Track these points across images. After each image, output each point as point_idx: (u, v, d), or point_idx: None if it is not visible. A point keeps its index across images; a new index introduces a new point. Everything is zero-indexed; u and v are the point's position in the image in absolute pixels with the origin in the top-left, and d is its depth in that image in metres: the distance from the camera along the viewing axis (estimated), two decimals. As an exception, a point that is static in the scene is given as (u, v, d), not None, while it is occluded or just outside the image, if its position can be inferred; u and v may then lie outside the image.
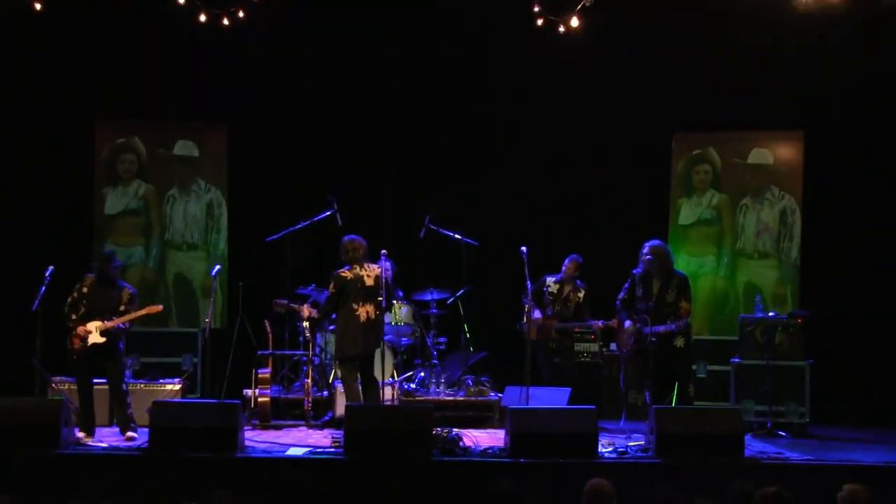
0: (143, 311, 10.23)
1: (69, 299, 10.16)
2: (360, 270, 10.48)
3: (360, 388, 10.52)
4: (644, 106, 12.93)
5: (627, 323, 10.84)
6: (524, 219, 13.00)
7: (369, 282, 10.48)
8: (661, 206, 13.06)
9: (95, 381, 10.31)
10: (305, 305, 11.10)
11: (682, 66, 12.78)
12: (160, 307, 10.48)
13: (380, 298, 10.34)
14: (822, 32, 12.05)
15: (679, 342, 10.55)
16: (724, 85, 12.82)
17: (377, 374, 10.64)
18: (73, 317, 10.07)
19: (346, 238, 10.66)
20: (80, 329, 10.00)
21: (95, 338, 10.00)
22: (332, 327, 10.99)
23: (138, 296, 10.44)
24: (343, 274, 10.47)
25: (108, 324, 10.01)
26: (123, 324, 10.11)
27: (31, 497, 6.52)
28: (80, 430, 10.00)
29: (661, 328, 10.44)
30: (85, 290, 10.16)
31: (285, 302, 11.23)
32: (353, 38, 12.91)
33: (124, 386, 10.29)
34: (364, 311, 10.43)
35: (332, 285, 10.48)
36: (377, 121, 13.29)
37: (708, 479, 8.42)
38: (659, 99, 12.90)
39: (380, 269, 10.46)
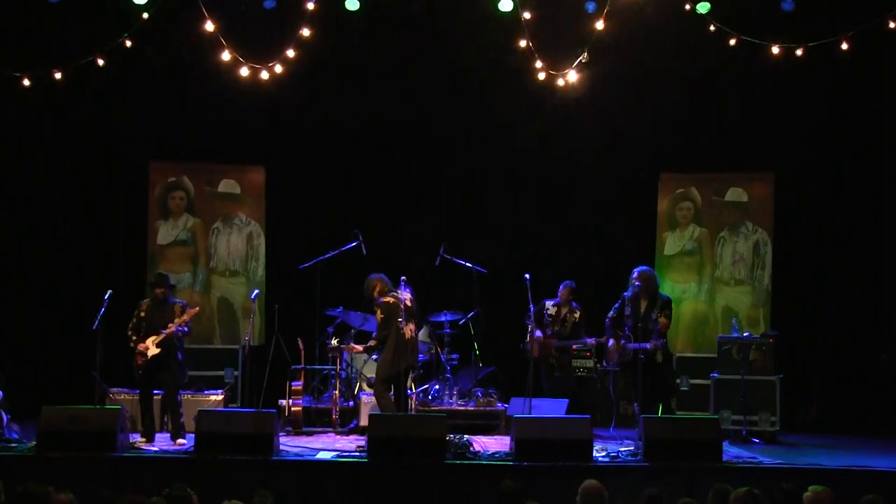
0: (186, 316, 10.21)
1: (130, 324, 10.20)
2: (398, 295, 10.50)
3: (394, 398, 10.47)
4: (634, 150, 12.96)
5: (611, 342, 10.90)
6: (528, 249, 13.03)
7: (409, 303, 10.51)
8: (649, 239, 13.06)
9: (154, 391, 10.35)
10: (351, 344, 11.22)
11: (667, 114, 12.82)
12: (197, 308, 10.55)
13: (410, 324, 10.45)
14: (789, 83, 12.11)
15: (658, 357, 10.66)
16: (703, 132, 12.89)
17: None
18: (135, 338, 10.11)
19: (372, 276, 10.69)
20: (141, 346, 10.04)
21: (153, 350, 10.03)
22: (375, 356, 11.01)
23: (189, 305, 10.50)
24: (387, 300, 10.48)
25: (160, 336, 10.03)
26: (179, 327, 10.13)
27: (91, 495, 6.54)
28: (141, 436, 10.09)
29: (638, 346, 10.52)
30: (143, 314, 10.21)
31: (352, 345, 11.28)
32: (373, 88, 12.95)
33: (178, 396, 10.31)
34: (408, 329, 10.47)
35: (379, 313, 10.47)
36: (398, 161, 13.30)
37: (690, 480, 8.43)
38: (647, 144, 12.95)
39: (409, 294, 10.49)
